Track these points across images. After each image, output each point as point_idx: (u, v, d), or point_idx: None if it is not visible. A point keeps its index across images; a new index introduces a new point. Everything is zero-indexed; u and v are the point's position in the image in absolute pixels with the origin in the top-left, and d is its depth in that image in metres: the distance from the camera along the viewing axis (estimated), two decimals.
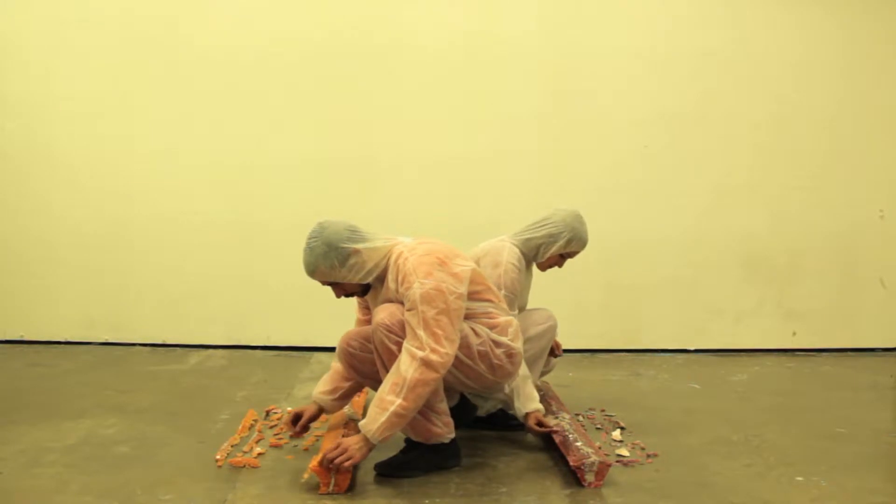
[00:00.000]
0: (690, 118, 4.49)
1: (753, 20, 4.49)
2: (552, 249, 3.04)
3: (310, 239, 2.54)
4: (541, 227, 3.05)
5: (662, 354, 4.49)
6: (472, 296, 2.59)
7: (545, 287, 3.41)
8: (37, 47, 4.31)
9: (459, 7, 4.39)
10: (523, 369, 2.82)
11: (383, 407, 2.38)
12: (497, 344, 2.61)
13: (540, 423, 2.77)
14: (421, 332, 2.40)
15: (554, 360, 3.25)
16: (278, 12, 4.32)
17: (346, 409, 2.99)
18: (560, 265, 3.15)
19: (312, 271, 2.55)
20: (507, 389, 2.79)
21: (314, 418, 2.84)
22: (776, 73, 4.51)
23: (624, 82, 4.45)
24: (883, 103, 4.59)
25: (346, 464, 2.36)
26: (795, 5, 4.50)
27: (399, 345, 2.44)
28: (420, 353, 2.38)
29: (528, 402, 2.80)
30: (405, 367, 2.38)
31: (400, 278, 2.49)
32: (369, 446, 2.41)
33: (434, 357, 2.38)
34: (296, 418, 2.82)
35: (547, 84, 4.43)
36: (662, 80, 4.46)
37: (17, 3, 4.30)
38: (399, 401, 2.36)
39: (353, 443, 2.41)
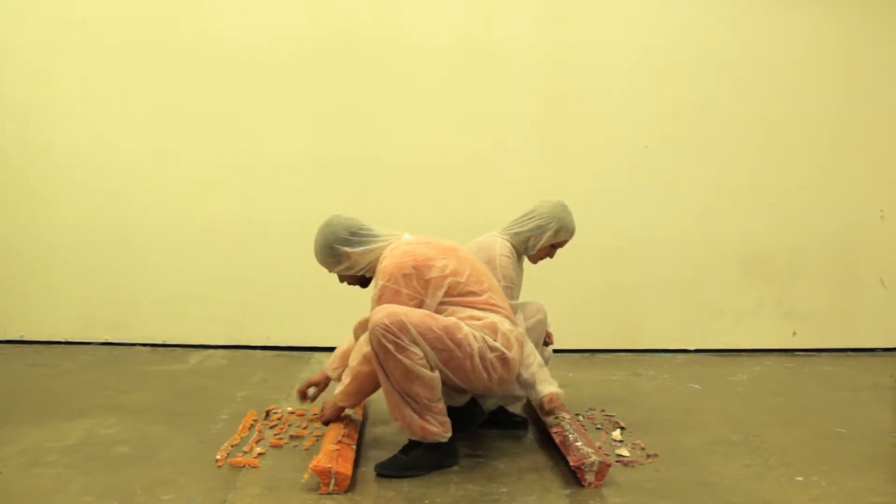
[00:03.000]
0: (691, 118, 4.49)
1: (754, 20, 4.49)
2: (542, 241, 3.10)
3: (317, 232, 2.78)
4: (528, 220, 3.11)
5: (662, 354, 4.49)
6: (457, 300, 2.64)
7: (545, 287, 3.43)
8: (37, 47, 4.31)
9: (459, 7, 4.39)
10: (538, 357, 2.90)
11: (342, 381, 2.78)
12: (491, 348, 2.61)
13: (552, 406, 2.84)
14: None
15: (548, 350, 3.29)
16: (278, 12, 4.32)
17: (347, 409, 2.99)
18: (552, 256, 3.20)
19: (317, 260, 2.80)
20: (525, 374, 2.85)
21: (324, 386, 3.07)
22: (776, 73, 4.51)
23: (624, 82, 4.45)
24: (883, 103, 4.59)
25: (320, 420, 2.89)
26: (796, 5, 4.50)
27: (395, 344, 2.47)
28: (365, 349, 2.62)
29: (545, 386, 2.87)
30: (353, 357, 2.73)
31: (376, 277, 2.69)
32: (337, 408, 2.83)
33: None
34: (306, 389, 3.04)
35: (547, 84, 4.43)
36: (663, 79, 4.46)
37: (17, 4, 4.30)
38: (347, 380, 2.73)
39: (327, 405, 2.86)
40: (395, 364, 2.49)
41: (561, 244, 3.16)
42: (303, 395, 3.04)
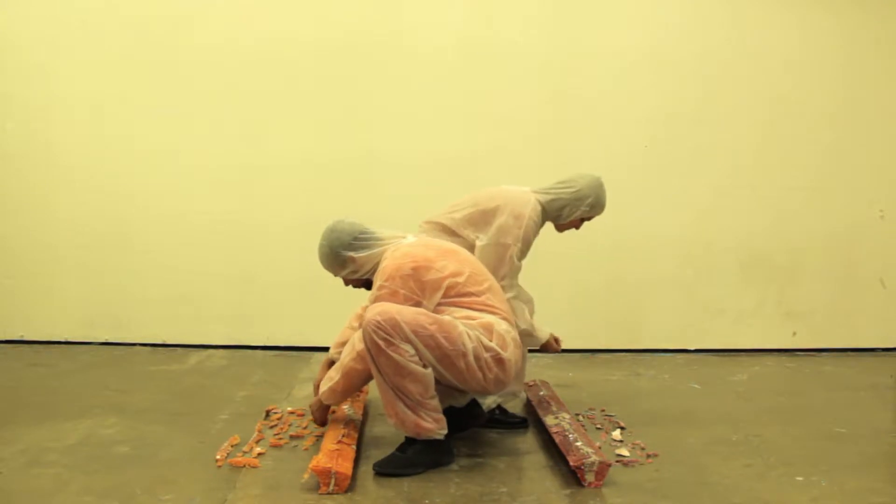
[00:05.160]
0: (690, 118, 4.49)
1: (753, 20, 4.49)
2: (577, 213, 3.12)
3: (321, 238, 2.77)
4: (567, 187, 3.12)
5: (662, 354, 4.49)
6: (454, 301, 2.65)
7: (546, 287, 3.42)
8: (37, 47, 4.30)
9: (459, 7, 4.39)
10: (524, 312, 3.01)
11: (329, 378, 2.79)
12: (486, 348, 2.61)
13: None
14: None
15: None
16: (278, 12, 4.32)
17: (346, 409, 3.00)
18: (578, 227, 3.23)
19: (322, 265, 2.81)
20: (522, 326, 2.95)
21: None
22: (776, 73, 4.51)
23: (624, 82, 4.45)
24: (883, 103, 4.59)
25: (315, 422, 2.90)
26: (795, 5, 4.50)
27: (385, 341, 2.49)
28: (359, 347, 2.64)
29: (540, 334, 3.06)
30: (346, 353, 2.74)
31: (375, 278, 2.70)
32: (321, 406, 2.86)
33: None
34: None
35: (547, 84, 4.43)
36: (662, 79, 4.46)
37: (16, 3, 4.30)
38: (337, 377, 2.74)
39: (313, 406, 2.89)
40: (387, 360, 2.50)
41: (589, 218, 3.19)
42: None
